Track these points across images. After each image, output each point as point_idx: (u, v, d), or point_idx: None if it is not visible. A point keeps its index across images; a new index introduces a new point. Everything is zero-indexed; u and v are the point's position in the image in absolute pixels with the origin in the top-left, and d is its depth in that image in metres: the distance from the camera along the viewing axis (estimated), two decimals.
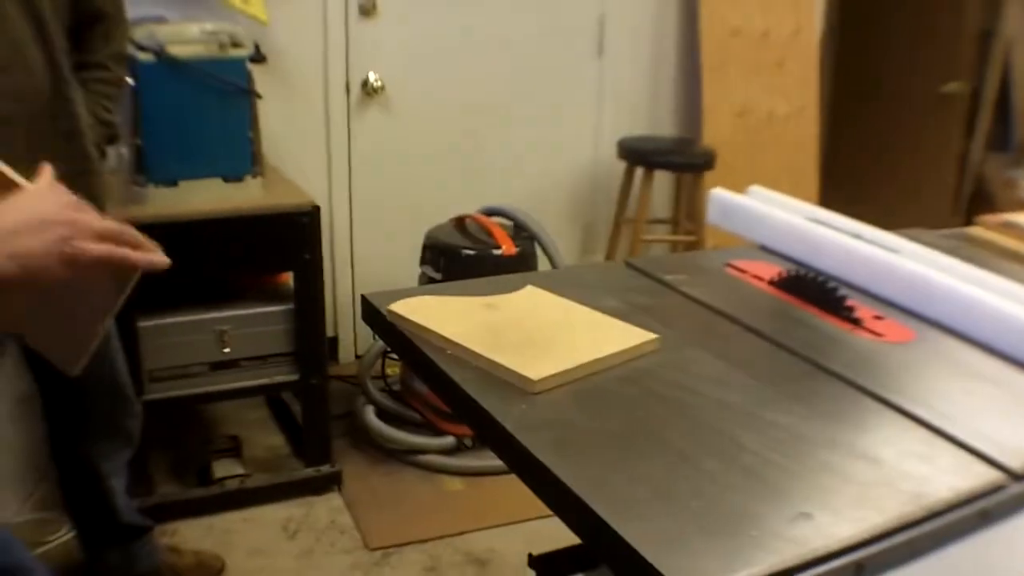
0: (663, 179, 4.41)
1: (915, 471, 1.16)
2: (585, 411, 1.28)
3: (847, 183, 5.10)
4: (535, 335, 1.47)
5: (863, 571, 1.01)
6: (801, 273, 1.74)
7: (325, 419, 3.29)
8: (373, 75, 3.99)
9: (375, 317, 1.61)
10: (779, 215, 1.95)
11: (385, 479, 3.40)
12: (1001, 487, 1.15)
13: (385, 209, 4.16)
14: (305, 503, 3.23)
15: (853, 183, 5.23)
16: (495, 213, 3.64)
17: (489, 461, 3.37)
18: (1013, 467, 1.17)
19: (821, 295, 1.68)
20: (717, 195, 2.07)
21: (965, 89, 4.90)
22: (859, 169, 5.37)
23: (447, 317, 1.52)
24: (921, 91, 5.05)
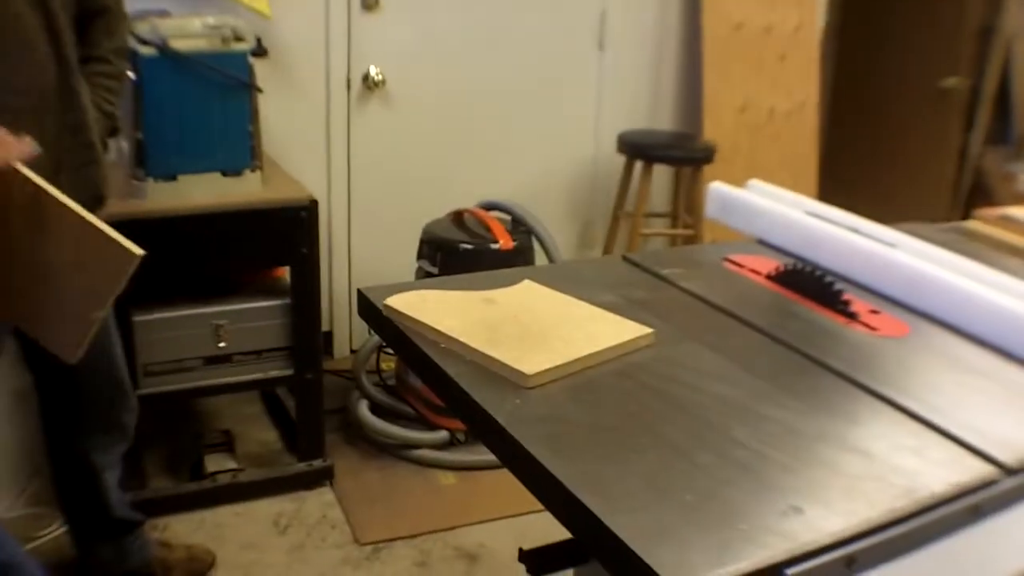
0: (662, 173, 4.40)
1: (907, 465, 1.16)
2: (579, 405, 1.28)
3: (847, 177, 5.10)
4: (531, 330, 1.47)
5: (854, 565, 1.01)
6: (798, 267, 1.74)
7: (319, 414, 3.29)
8: (374, 69, 3.98)
9: (371, 312, 1.61)
10: (777, 209, 1.95)
11: (377, 474, 3.40)
12: (993, 481, 1.15)
13: (383, 203, 4.16)
14: (297, 498, 3.23)
15: (853, 177, 5.23)
16: (493, 207, 3.64)
17: (482, 456, 3.37)
18: (1005, 461, 1.18)
19: (818, 289, 1.68)
20: (716, 189, 2.07)
21: (964, 84, 4.90)
22: (859, 163, 5.37)
23: (443, 312, 1.52)
24: (921, 86, 5.05)
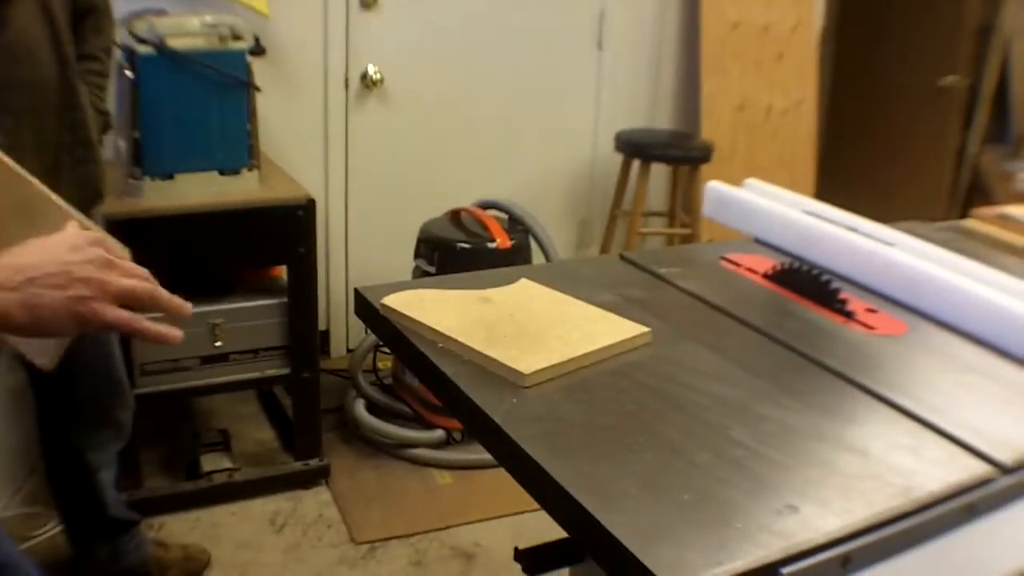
0: (660, 172, 4.40)
1: (904, 464, 1.16)
2: (576, 404, 1.28)
3: (845, 176, 5.11)
4: (528, 329, 1.47)
5: (849, 564, 1.01)
6: (795, 266, 1.74)
7: (315, 413, 3.29)
8: (372, 68, 3.98)
9: (368, 311, 1.61)
10: (774, 208, 1.95)
11: (374, 473, 3.40)
12: (990, 480, 1.15)
13: (381, 202, 4.15)
14: (293, 497, 3.23)
15: (851, 176, 5.23)
16: (490, 206, 3.64)
17: (478, 455, 3.37)
18: (1002, 460, 1.18)
19: (815, 288, 1.68)
20: (713, 188, 2.07)
21: (963, 83, 4.90)
22: (857, 162, 5.38)
23: (440, 311, 1.52)
24: (919, 85, 5.05)
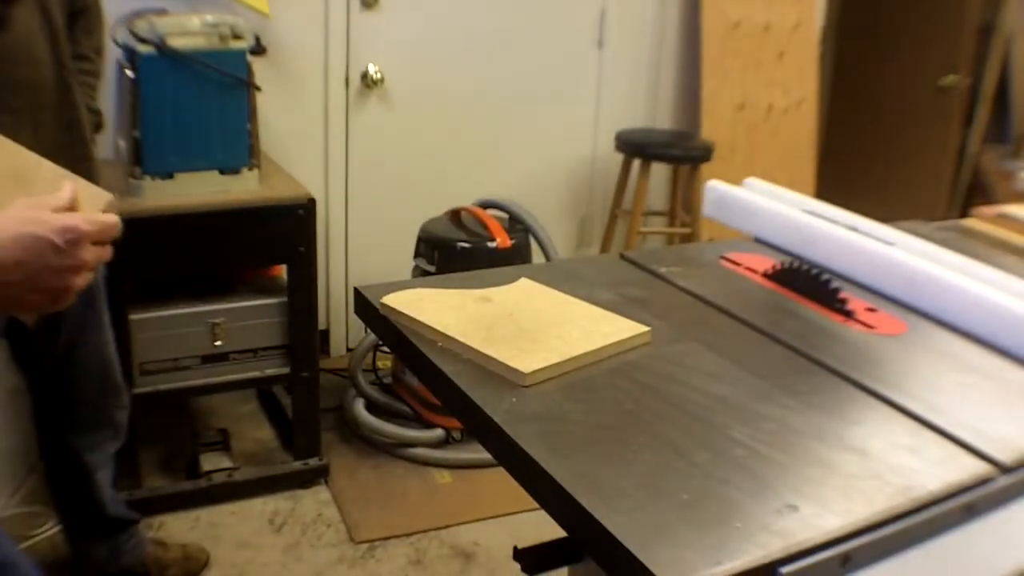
0: (660, 172, 4.41)
1: (903, 463, 1.16)
2: (576, 404, 1.28)
3: (845, 175, 5.11)
4: (527, 328, 1.47)
5: (849, 563, 1.01)
6: (795, 265, 1.74)
7: (315, 412, 3.29)
8: (373, 67, 3.98)
9: (367, 310, 1.61)
10: (774, 207, 1.95)
11: (373, 472, 3.40)
12: (989, 480, 1.15)
13: (381, 201, 4.16)
14: (292, 496, 3.24)
15: (851, 175, 5.23)
16: (490, 206, 3.64)
17: (478, 454, 3.37)
18: (1001, 460, 1.17)
19: (814, 287, 1.68)
20: (713, 187, 2.07)
21: (963, 82, 4.91)
22: (857, 161, 5.38)
23: (440, 310, 1.52)
24: (920, 84, 5.05)
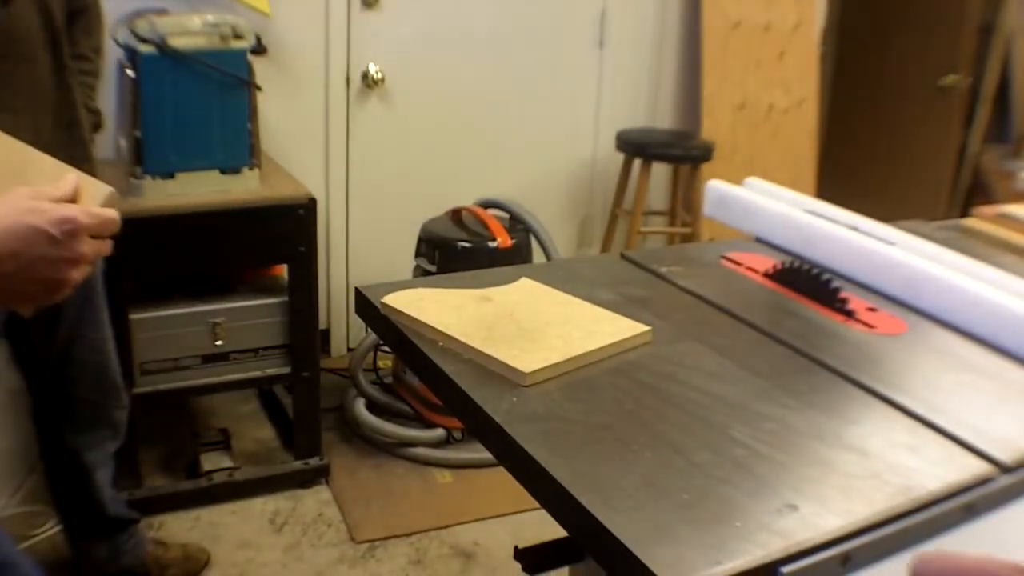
0: (661, 171, 4.41)
1: (903, 463, 1.16)
2: (576, 403, 1.28)
3: (846, 175, 5.11)
4: (528, 328, 1.47)
5: (849, 563, 1.01)
6: (795, 265, 1.74)
7: (315, 412, 3.29)
8: (374, 67, 3.98)
9: (368, 310, 1.61)
10: (774, 207, 1.95)
11: (374, 472, 3.41)
12: (990, 479, 1.15)
13: (382, 201, 4.16)
14: (293, 496, 3.24)
15: (852, 175, 5.24)
16: (491, 205, 3.64)
17: (478, 454, 3.38)
18: (1002, 459, 1.17)
19: (815, 287, 1.68)
20: (713, 187, 2.07)
21: (964, 82, 4.91)
22: (858, 161, 5.38)
23: (440, 310, 1.52)
24: (920, 84, 5.05)
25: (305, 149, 3.94)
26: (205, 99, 2.88)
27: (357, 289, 1.65)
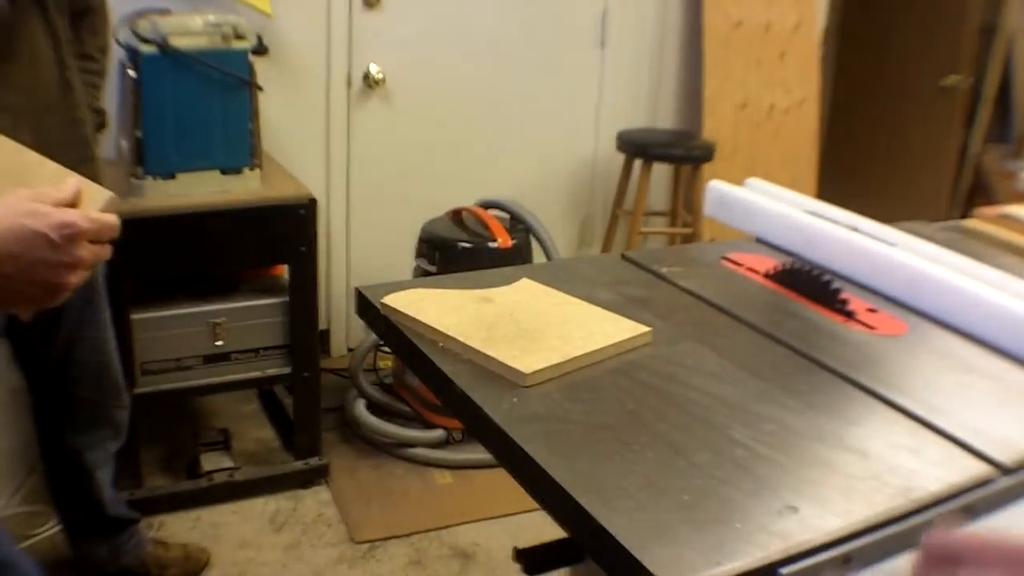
0: (661, 171, 4.41)
1: (904, 464, 1.16)
2: (576, 404, 1.28)
3: (847, 176, 5.11)
4: (528, 328, 1.47)
5: (849, 564, 1.01)
6: (796, 266, 1.74)
7: (316, 412, 3.29)
8: (375, 67, 3.98)
9: (368, 310, 1.61)
10: (775, 207, 1.95)
11: (374, 472, 3.41)
12: (989, 480, 1.15)
13: (382, 201, 4.16)
14: (293, 496, 3.24)
15: (853, 176, 5.23)
16: (491, 206, 3.64)
17: (478, 454, 3.38)
18: (1002, 461, 1.17)
19: (815, 288, 1.68)
20: (714, 187, 2.07)
21: (965, 82, 4.91)
22: (859, 162, 5.38)
23: (441, 310, 1.52)
24: (921, 84, 5.05)
25: (306, 149, 3.93)
26: (206, 99, 2.88)
27: (357, 289, 1.65)
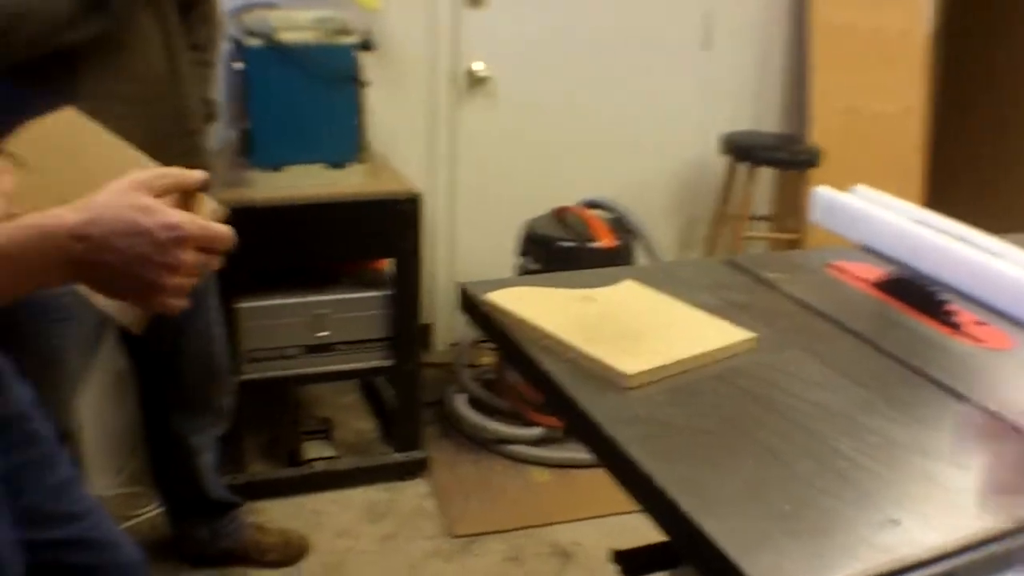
0: (765, 175, 4.36)
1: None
2: (678, 408, 1.28)
3: (957, 185, 4.99)
4: (631, 330, 1.47)
5: None
6: (903, 275, 1.72)
7: (416, 405, 3.31)
8: (479, 65, 4.00)
9: (471, 306, 1.63)
10: (882, 215, 1.92)
11: (473, 467, 3.42)
12: None
13: (486, 199, 4.18)
14: (392, 488, 3.27)
15: (964, 185, 5.11)
16: (595, 205, 3.63)
17: (577, 453, 3.37)
18: None
19: (922, 298, 1.66)
20: (820, 193, 2.04)
21: None
22: (970, 171, 5.25)
23: (543, 309, 1.53)
24: None
25: (410, 145, 3.97)
26: (312, 93, 2.91)
27: (461, 286, 1.66)
